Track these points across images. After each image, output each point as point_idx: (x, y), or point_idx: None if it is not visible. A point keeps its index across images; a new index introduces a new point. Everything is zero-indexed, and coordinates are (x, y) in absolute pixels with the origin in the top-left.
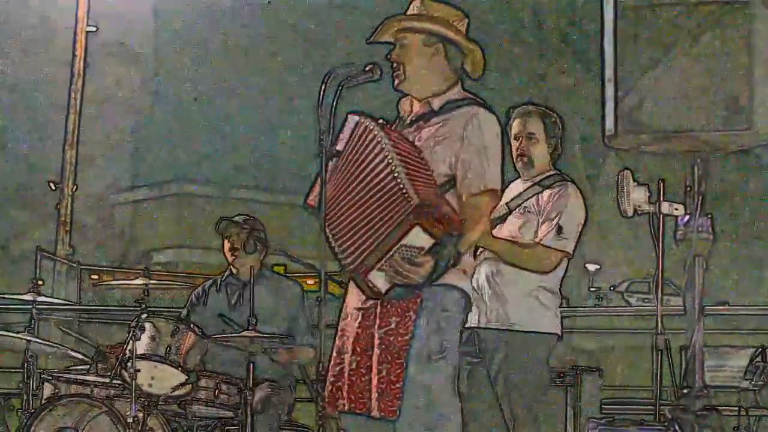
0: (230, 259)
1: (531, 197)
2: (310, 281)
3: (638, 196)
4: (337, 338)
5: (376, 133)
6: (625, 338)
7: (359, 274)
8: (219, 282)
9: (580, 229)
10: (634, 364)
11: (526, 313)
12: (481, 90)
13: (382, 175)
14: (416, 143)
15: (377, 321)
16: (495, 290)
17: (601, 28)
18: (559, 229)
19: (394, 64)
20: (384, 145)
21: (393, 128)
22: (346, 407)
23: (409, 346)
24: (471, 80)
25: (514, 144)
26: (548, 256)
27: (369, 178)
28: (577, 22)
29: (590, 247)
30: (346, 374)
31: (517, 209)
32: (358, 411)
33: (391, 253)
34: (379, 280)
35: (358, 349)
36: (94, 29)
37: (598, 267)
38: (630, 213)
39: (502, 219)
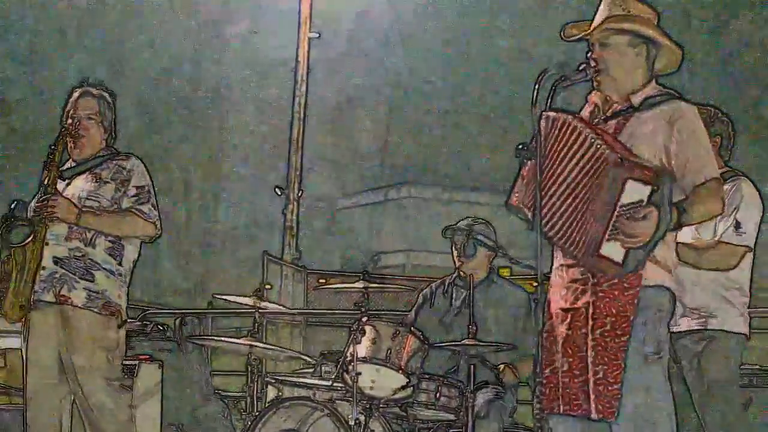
0: (457, 263)
1: None
2: (536, 283)
3: None
4: (544, 339)
5: (576, 124)
6: None
7: (593, 256)
8: (446, 284)
9: (759, 222)
10: None
11: (714, 313)
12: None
13: (591, 162)
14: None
15: (590, 322)
16: (680, 292)
17: None
18: (737, 225)
19: (595, 63)
20: (587, 134)
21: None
22: (561, 409)
23: (627, 346)
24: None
25: None
26: (731, 252)
27: (578, 168)
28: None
29: None
30: (558, 376)
31: None
32: (573, 413)
33: (614, 218)
34: (612, 251)
35: (569, 350)
36: (316, 36)
37: None
38: None
39: None
